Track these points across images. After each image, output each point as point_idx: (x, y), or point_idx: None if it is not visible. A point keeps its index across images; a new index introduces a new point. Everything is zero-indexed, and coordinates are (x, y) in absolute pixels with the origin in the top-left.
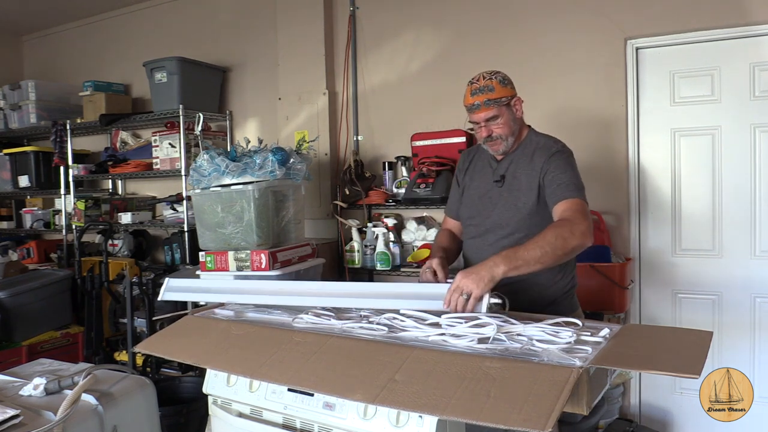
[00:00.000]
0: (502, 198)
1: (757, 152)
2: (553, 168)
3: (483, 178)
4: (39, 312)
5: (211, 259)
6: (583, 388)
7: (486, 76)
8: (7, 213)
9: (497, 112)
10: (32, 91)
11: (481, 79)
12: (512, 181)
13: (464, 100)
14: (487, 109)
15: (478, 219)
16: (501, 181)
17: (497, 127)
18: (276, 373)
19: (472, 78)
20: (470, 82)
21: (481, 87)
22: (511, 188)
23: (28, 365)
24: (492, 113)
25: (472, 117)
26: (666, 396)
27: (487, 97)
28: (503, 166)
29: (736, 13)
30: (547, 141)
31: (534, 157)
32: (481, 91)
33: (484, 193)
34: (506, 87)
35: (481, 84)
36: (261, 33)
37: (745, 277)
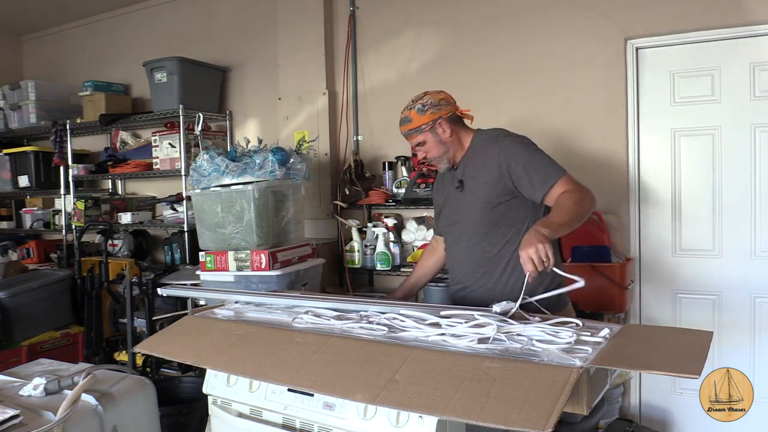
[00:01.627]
0: (465, 200)
1: (757, 152)
2: (515, 157)
3: (446, 188)
4: (39, 312)
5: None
6: (583, 388)
7: (409, 105)
8: (6, 213)
9: (422, 138)
10: (32, 91)
11: (405, 110)
12: (469, 182)
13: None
14: (411, 138)
15: (451, 227)
16: (461, 186)
17: (429, 150)
18: (276, 373)
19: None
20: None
21: (402, 119)
22: (470, 188)
23: (28, 365)
24: (418, 140)
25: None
26: (666, 396)
27: (407, 128)
28: (459, 172)
29: (736, 13)
30: (489, 134)
31: (483, 152)
32: (402, 122)
33: (449, 201)
34: (424, 114)
35: (402, 115)
36: (261, 33)
37: (745, 277)
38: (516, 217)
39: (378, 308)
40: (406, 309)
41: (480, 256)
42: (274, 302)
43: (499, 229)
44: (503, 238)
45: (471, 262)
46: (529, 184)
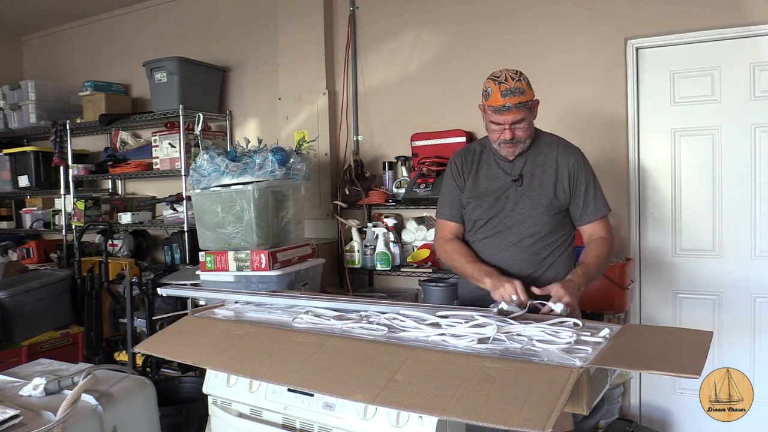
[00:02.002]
0: (524, 197)
1: (757, 152)
2: (583, 178)
3: (495, 178)
4: (39, 312)
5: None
6: (583, 388)
7: (514, 76)
8: (6, 213)
9: (525, 115)
10: (32, 91)
11: (509, 80)
12: (531, 180)
13: (489, 98)
14: (517, 112)
15: (496, 219)
16: (519, 180)
17: (521, 131)
18: (276, 373)
19: (496, 75)
20: (497, 81)
21: (512, 88)
22: (532, 186)
23: (27, 365)
24: (520, 116)
25: (497, 118)
26: (666, 396)
27: (518, 99)
28: (518, 165)
29: (736, 13)
30: (560, 140)
31: (555, 157)
32: (513, 93)
33: (501, 194)
34: (532, 89)
35: (511, 85)
36: (261, 33)
37: (745, 277)
38: (568, 226)
39: (378, 308)
40: (406, 309)
41: (531, 257)
42: (274, 302)
43: (556, 234)
44: (554, 245)
45: (519, 260)
46: (583, 206)
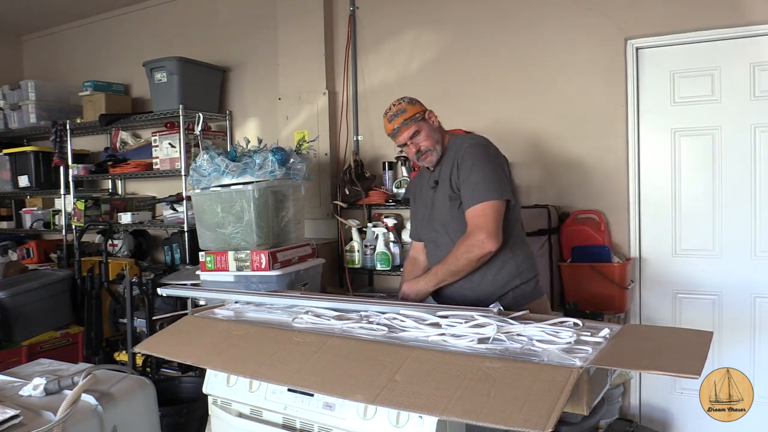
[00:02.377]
0: (438, 200)
1: (757, 152)
2: (463, 169)
3: (426, 191)
4: (39, 312)
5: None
6: (584, 388)
7: (395, 102)
8: (7, 213)
9: (417, 127)
10: (32, 91)
11: (392, 107)
12: (442, 184)
13: (385, 130)
14: (406, 129)
15: (429, 227)
16: (435, 186)
17: (422, 141)
18: (276, 373)
19: (386, 109)
20: (385, 114)
21: (395, 112)
22: (442, 189)
23: (27, 365)
24: (412, 130)
25: (397, 140)
26: (666, 396)
27: (402, 118)
28: (436, 173)
29: (736, 13)
30: (462, 140)
31: (453, 153)
32: (396, 115)
33: (428, 204)
34: (415, 105)
35: (393, 110)
36: (261, 33)
37: (745, 277)
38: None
39: (378, 308)
40: (406, 309)
41: None
42: (274, 302)
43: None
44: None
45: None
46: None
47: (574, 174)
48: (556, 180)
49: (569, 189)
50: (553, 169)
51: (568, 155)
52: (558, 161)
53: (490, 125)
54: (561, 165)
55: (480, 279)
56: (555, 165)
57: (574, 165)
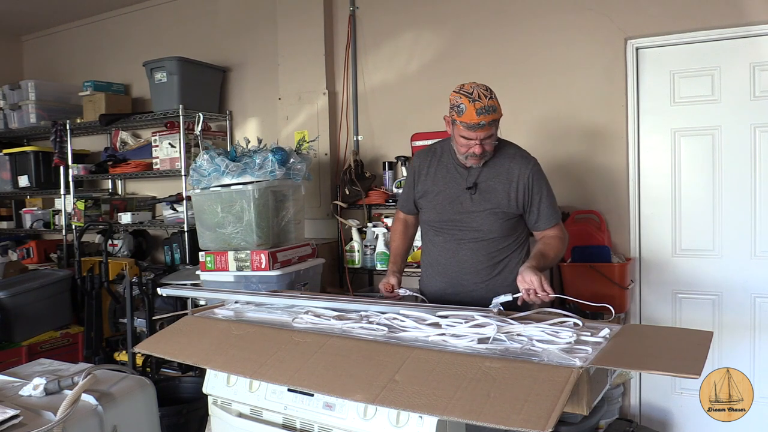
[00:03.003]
0: (479, 205)
1: (757, 152)
2: (537, 189)
3: (451, 184)
4: (39, 312)
5: (211, 259)
6: (584, 388)
7: (486, 93)
8: (7, 213)
9: (494, 130)
10: (32, 91)
11: (483, 97)
12: (486, 189)
13: (463, 114)
14: (490, 129)
15: (451, 225)
16: (473, 189)
17: (489, 145)
18: (276, 373)
19: (467, 91)
20: (471, 98)
21: (486, 107)
22: (487, 196)
23: (28, 365)
24: (491, 132)
25: (469, 133)
26: (666, 396)
27: (492, 117)
28: (474, 173)
29: (736, 13)
30: (517, 151)
31: (510, 167)
32: (487, 111)
33: (454, 199)
34: (500, 105)
35: (485, 103)
36: (261, 33)
37: (745, 277)
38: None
39: (378, 308)
40: (406, 309)
41: (485, 258)
42: (274, 302)
43: (509, 238)
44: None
45: (474, 261)
46: (538, 215)
47: (574, 174)
48: (556, 180)
49: (569, 189)
50: (553, 169)
51: (568, 155)
52: (558, 161)
53: None
54: (561, 165)
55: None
56: (555, 165)
57: (574, 165)
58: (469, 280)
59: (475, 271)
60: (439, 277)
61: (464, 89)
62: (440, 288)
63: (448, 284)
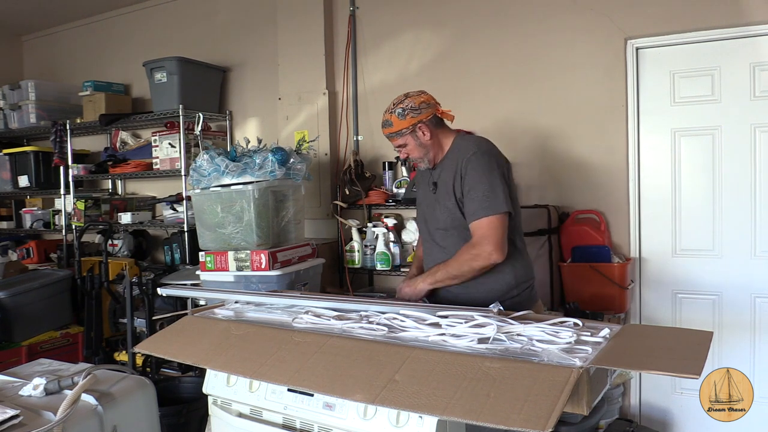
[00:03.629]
0: (438, 202)
1: (757, 152)
2: (468, 179)
3: (425, 188)
4: (39, 312)
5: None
6: (584, 388)
7: (390, 108)
8: (6, 213)
9: (402, 141)
10: (32, 91)
11: (386, 113)
12: (441, 186)
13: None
14: (392, 140)
15: (424, 225)
16: (434, 188)
17: (411, 151)
18: (276, 373)
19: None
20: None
21: (383, 122)
22: (441, 192)
23: (27, 365)
24: (398, 143)
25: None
26: (666, 396)
27: (388, 131)
28: (435, 174)
29: (736, 13)
30: (467, 144)
31: (456, 158)
32: (384, 125)
33: (426, 201)
34: (404, 119)
35: (383, 118)
36: (261, 33)
37: (745, 277)
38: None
39: (378, 308)
40: (406, 309)
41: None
42: (274, 302)
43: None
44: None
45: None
46: (466, 209)
47: (574, 174)
48: (556, 180)
49: (569, 189)
50: (553, 169)
51: (568, 155)
52: (558, 161)
53: (490, 125)
54: (561, 165)
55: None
56: (555, 165)
57: (574, 165)
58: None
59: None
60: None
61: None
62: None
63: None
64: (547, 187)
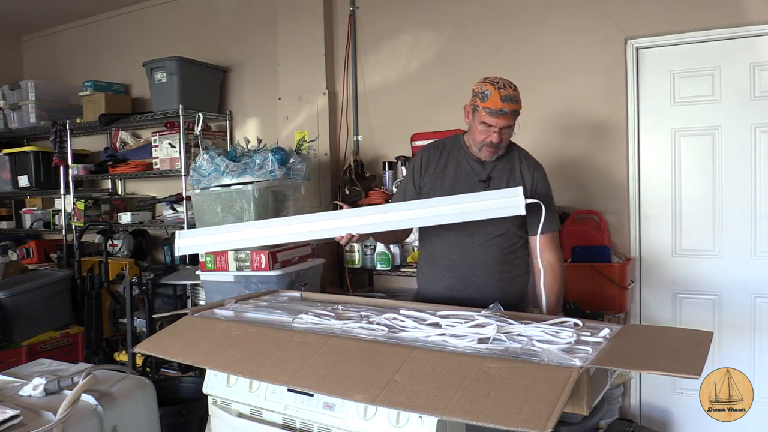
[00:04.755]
0: None
1: (757, 152)
2: (542, 190)
3: (463, 176)
4: (39, 312)
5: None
6: (584, 389)
7: (511, 84)
8: (6, 213)
9: (513, 122)
10: (32, 91)
11: (508, 87)
12: (499, 183)
13: (487, 100)
14: (510, 118)
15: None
16: (487, 182)
17: (507, 135)
18: (276, 373)
19: (494, 81)
20: (496, 86)
21: (511, 96)
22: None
23: (27, 365)
24: (511, 122)
25: (490, 120)
26: (666, 396)
27: (515, 107)
28: (488, 167)
29: (736, 13)
30: (527, 154)
31: (519, 166)
32: (511, 100)
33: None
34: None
35: (510, 92)
36: (261, 33)
37: (745, 277)
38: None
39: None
40: (406, 309)
41: (497, 254)
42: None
43: (518, 233)
44: (517, 243)
45: (487, 258)
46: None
47: (574, 174)
48: (556, 180)
49: (569, 189)
50: (553, 169)
51: (568, 155)
52: (558, 161)
53: None
54: (561, 165)
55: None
56: (555, 165)
57: (574, 165)
58: (480, 277)
59: (486, 268)
60: (446, 274)
61: (489, 79)
62: (447, 286)
63: (457, 281)
64: None
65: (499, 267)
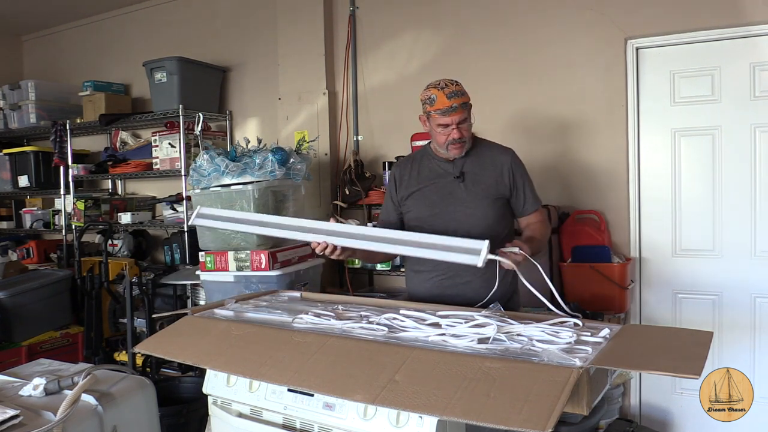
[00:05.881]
0: (468, 191)
1: (757, 152)
2: (520, 174)
3: (438, 177)
4: (39, 312)
5: (211, 259)
6: (584, 389)
7: (452, 81)
8: (6, 213)
9: (467, 115)
10: (32, 91)
11: (450, 85)
12: (474, 176)
13: (436, 103)
14: (462, 112)
15: (444, 216)
16: (461, 177)
17: (465, 130)
18: (276, 373)
19: (435, 84)
20: (439, 87)
21: (455, 91)
22: (476, 182)
23: (27, 365)
24: (464, 116)
25: (444, 120)
26: (666, 396)
27: (463, 99)
28: (458, 164)
29: (736, 13)
30: (493, 143)
31: (490, 154)
32: (456, 95)
33: (444, 189)
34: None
35: (453, 89)
36: (261, 33)
37: (745, 277)
38: (508, 217)
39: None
40: (406, 309)
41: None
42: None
43: (500, 223)
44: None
45: None
46: (524, 199)
47: (574, 174)
48: (556, 180)
49: (569, 189)
50: (553, 168)
51: (568, 155)
52: (558, 161)
53: (490, 125)
54: (561, 165)
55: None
56: (555, 165)
57: (574, 165)
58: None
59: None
60: (432, 273)
61: (431, 84)
62: (434, 284)
63: (445, 278)
64: (547, 187)
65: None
